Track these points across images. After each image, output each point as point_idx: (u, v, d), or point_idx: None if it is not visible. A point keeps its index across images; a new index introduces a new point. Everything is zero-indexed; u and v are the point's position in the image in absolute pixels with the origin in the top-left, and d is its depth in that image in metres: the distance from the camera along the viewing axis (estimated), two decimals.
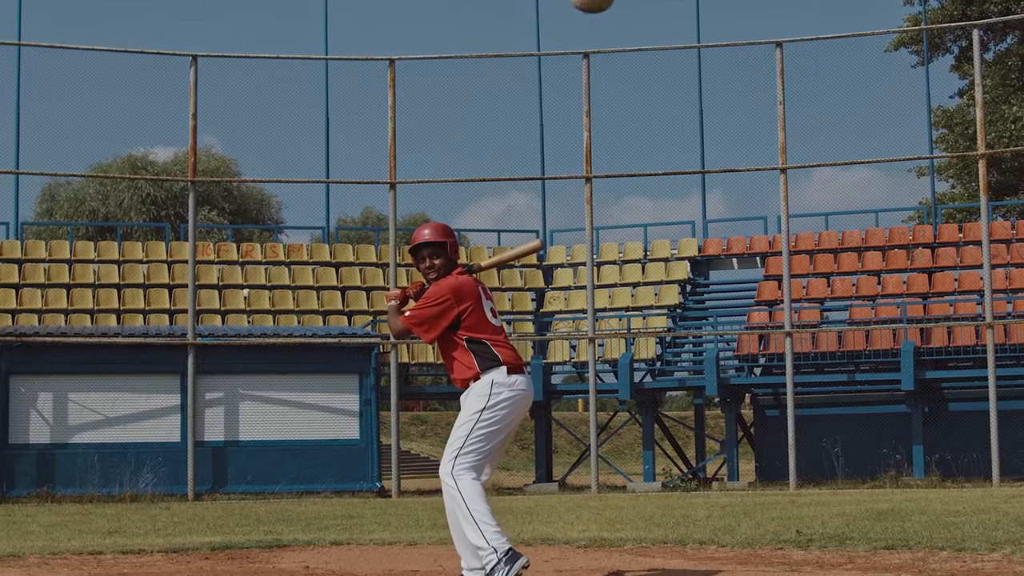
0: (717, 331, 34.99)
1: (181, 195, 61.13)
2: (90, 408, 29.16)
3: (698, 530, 14.25)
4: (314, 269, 37.01)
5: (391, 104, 30.78)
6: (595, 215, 31.01)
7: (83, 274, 35.73)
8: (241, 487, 28.81)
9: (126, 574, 10.75)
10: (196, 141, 30.54)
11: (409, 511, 20.63)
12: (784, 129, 30.12)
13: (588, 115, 30.78)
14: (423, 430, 61.90)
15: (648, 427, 33.63)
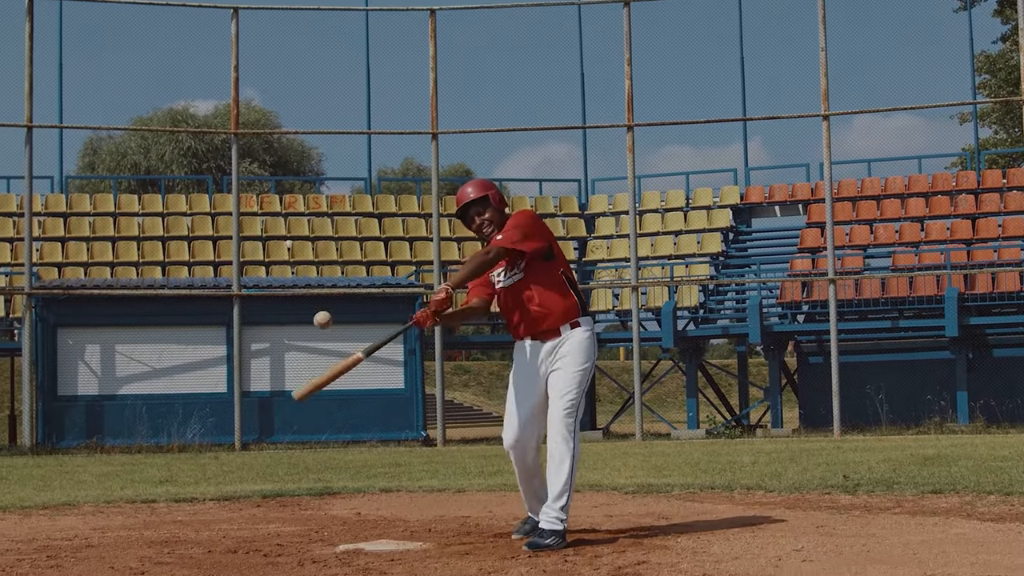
0: (760, 278, 34.96)
1: (221, 148, 61.30)
2: (137, 360, 29.38)
3: (745, 476, 14.32)
4: (357, 220, 37.09)
5: (432, 54, 30.76)
6: (636, 163, 31.00)
7: (128, 227, 35.91)
8: (287, 437, 29.02)
9: (180, 521, 10.87)
10: (238, 93, 30.62)
11: (456, 459, 20.75)
12: (826, 76, 29.98)
13: (629, 63, 30.71)
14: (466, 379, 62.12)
15: (691, 375, 33.67)
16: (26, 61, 29.19)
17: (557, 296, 9.04)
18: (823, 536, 8.73)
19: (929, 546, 8.11)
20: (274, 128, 62.54)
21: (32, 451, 27.55)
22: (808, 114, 31.25)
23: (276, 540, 9.30)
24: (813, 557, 7.75)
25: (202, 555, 8.57)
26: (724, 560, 7.73)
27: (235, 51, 30.10)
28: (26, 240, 29.65)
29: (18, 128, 29.57)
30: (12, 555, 8.75)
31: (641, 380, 31.40)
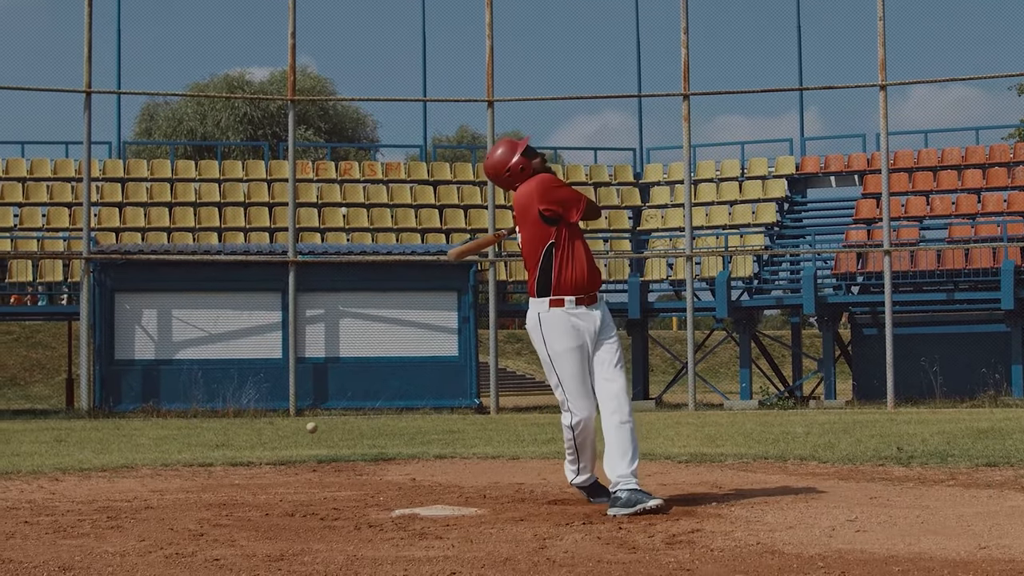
0: (815, 249, 34.87)
1: (277, 114, 61.50)
2: (193, 325, 29.61)
3: (798, 446, 14.33)
4: (412, 187, 37.17)
5: (488, 22, 30.77)
6: (691, 133, 30.97)
7: (184, 193, 36.11)
8: (342, 403, 29.19)
9: (237, 485, 10.99)
10: (295, 60, 30.73)
11: (509, 427, 20.84)
12: (884, 46, 29.84)
13: (686, 32, 30.65)
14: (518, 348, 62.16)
15: (745, 345, 33.64)
16: (85, 27, 29.40)
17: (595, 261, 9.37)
18: (877, 507, 8.75)
19: (983, 518, 8.12)
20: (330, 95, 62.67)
21: (90, 414, 27.85)
22: (865, 84, 31.13)
23: (332, 504, 9.39)
24: (867, 527, 7.78)
25: (260, 518, 8.67)
26: (778, 529, 7.77)
27: (292, 18, 30.21)
28: (84, 205, 29.90)
29: (77, 94, 29.81)
30: (73, 515, 8.88)
31: (694, 350, 31.43)
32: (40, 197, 35.28)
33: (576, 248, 9.12)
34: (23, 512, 9.10)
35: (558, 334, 9.09)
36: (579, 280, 9.10)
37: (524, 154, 9.49)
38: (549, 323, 9.11)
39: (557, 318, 9.09)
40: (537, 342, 9.22)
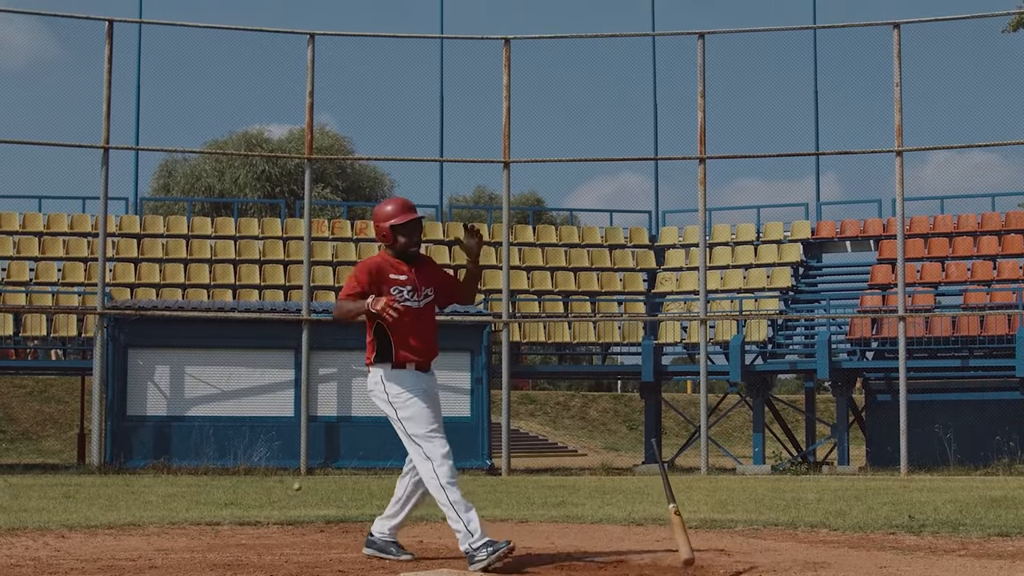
0: (829, 314, 34.82)
1: (295, 172, 61.65)
2: (206, 382, 29.59)
3: (809, 513, 14.25)
4: (427, 247, 37.19)
5: (506, 83, 30.89)
6: (707, 196, 31.01)
7: (200, 249, 36.19)
8: (353, 462, 29.11)
9: (244, 545, 10.94)
10: (313, 119, 30.85)
11: (520, 489, 20.76)
12: (901, 111, 29.88)
13: (703, 96, 30.71)
14: (531, 409, 62.09)
15: (758, 410, 33.55)
16: (104, 83, 29.54)
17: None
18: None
19: None
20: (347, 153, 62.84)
21: (100, 470, 27.81)
22: (881, 150, 31.15)
23: (338, 566, 9.34)
24: None
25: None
26: None
27: (311, 77, 30.34)
28: (100, 260, 29.96)
29: (95, 149, 29.90)
30: (76, 574, 8.83)
31: (708, 414, 31.34)
32: (56, 252, 35.37)
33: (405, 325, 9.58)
34: (26, 570, 9.06)
35: (402, 384, 9.62)
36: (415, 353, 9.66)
37: (395, 228, 9.77)
38: (391, 379, 9.63)
39: (398, 376, 9.63)
40: (380, 397, 9.70)
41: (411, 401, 9.57)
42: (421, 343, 9.66)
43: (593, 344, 36.15)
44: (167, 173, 65.38)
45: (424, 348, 9.69)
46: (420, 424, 9.61)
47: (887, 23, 30.59)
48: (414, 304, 9.66)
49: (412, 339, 9.62)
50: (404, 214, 9.77)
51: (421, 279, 9.79)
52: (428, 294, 9.79)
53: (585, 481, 25.14)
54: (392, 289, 9.60)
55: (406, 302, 9.61)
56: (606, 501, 16.99)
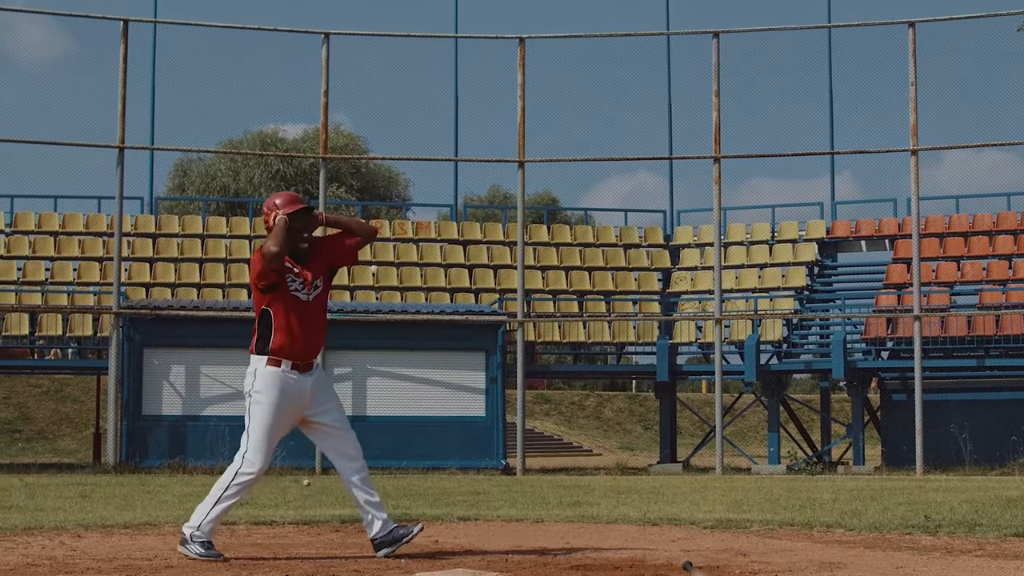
0: (844, 314, 34.77)
1: (310, 171, 61.70)
2: (221, 381, 29.61)
3: (825, 513, 14.22)
4: (442, 247, 37.22)
5: (520, 83, 30.89)
6: (722, 195, 31.01)
7: (215, 249, 36.23)
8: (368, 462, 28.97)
9: (259, 544, 10.94)
10: (327, 118, 30.88)
11: (535, 488, 20.75)
12: (916, 111, 29.84)
13: (717, 95, 30.70)
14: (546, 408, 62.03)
15: (773, 409, 33.51)
16: (120, 83, 29.60)
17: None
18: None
19: None
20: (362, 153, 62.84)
21: (116, 469, 27.85)
22: (896, 149, 31.09)
23: (353, 566, 9.34)
24: None
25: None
26: None
27: (325, 77, 30.37)
28: (115, 260, 30.01)
29: (110, 149, 29.94)
30: (93, 573, 8.84)
31: (723, 413, 31.30)
32: (72, 251, 35.43)
33: (291, 317, 9.70)
34: (43, 569, 9.08)
35: (267, 386, 9.71)
36: (295, 349, 9.71)
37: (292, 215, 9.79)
38: (262, 376, 9.72)
39: (271, 375, 9.71)
40: (246, 387, 9.83)
41: (268, 407, 9.71)
42: (302, 340, 9.72)
43: (608, 344, 36.14)
44: (182, 172, 65.44)
45: (304, 347, 9.75)
46: (262, 432, 9.78)
47: (902, 22, 30.54)
48: (303, 296, 9.74)
49: (294, 334, 9.68)
50: (291, 205, 9.79)
51: (312, 271, 9.84)
52: (318, 285, 9.83)
53: (600, 481, 25.13)
54: (286, 276, 9.68)
55: (295, 292, 9.69)
56: (621, 501, 16.98)
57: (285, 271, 9.68)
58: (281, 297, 9.67)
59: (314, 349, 9.81)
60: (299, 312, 9.69)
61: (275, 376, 9.68)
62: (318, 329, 9.84)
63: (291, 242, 9.71)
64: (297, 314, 9.68)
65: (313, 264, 9.87)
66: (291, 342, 9.67)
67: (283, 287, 9.68)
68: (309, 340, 9.76)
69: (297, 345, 9.69)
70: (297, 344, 9.69)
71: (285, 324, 9.63)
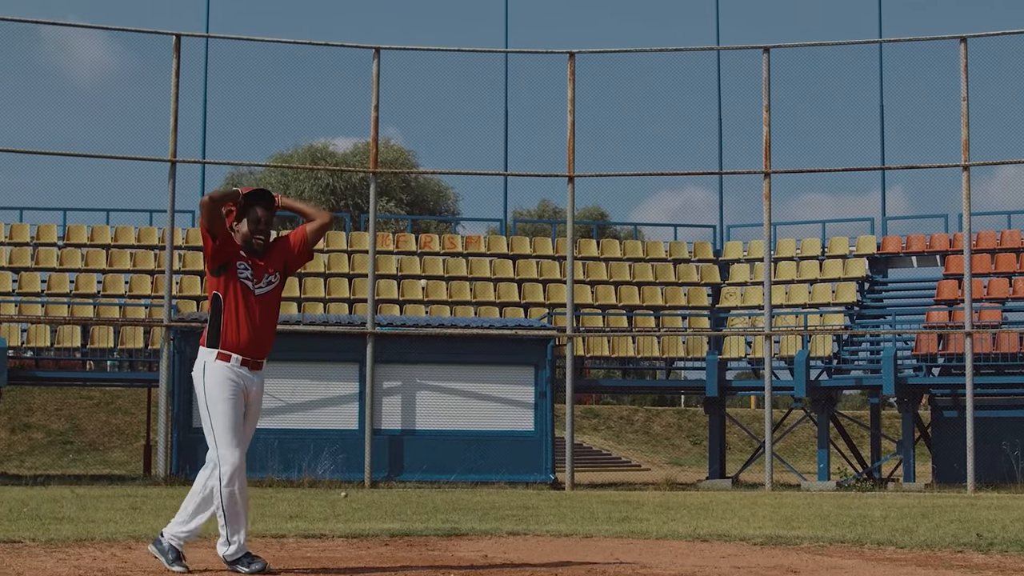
0: (895, 330, 34.59)
1: (359, 185, 61.89)
2: (270, 394, 29.53)
3: (875, 530, 14.16)
4: (491, 261, 37.26)
5: (570, 97, 30.90)
6: (772, 210, 30.91)
7: None
8: (416, 475, 29.15)
9: (309, 557, 10.98)
10: (378, 132, 30.96)
11: (584, 503, 20.73)
12: (968, 126, 29.69)
13: (768, 110, 30.63)
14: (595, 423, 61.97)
15: (823, 425, 33.36)
16: (172, 97, 29.76)
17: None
18: None
19: None
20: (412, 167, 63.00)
21: (166, 481, 27.96)
22: (948, 164, 30.92)
23: None
24: None
25: None
26: None
27: (376, 91, 30.45)
28: (166, 273, 30.16)
29: (162, 163, 30.11)
30: None
31: (772, 429, 31.19)
32: (123, 264, 35.64)
33: (240, 307, 9.60)
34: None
35: (219, 383, 9.60)
36: (243, 341, 9.61)
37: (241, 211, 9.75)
38: (212, 372, 9.60)
39: (221, 370, 9.60)
40: (198, 387, 9.70)
41: (225, 402, 9.61)
42: (251, 336, 9.63)
43: (657, 359, 36.06)
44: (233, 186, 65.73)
45: (254, 343, 9.66)
46: (226, 426, 9.70)
47: (954, 37, 30.39)
48: (252, 287, 9.63)
49: (242, 326, 9.59)
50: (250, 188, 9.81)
51: (265, 263, 9.75)
52: (271, 281, 9.74)
53: (649, 496, 25.09)
54: (238, 264, 9.60)
55: (245, 280, 9.59)
56: (670, 517, 16.94)
57: (237, 258, 9.58)
58: (231, 282, 9.55)
59: (264, 346, 9.72)
60: (248, 304, 9.59)
61: (225, 371, 9.58)
62: (268, 327, 9.71)
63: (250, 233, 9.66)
64: (247, 306, 9.58)
65: (268, 258, 9.77)
66: (239, 334, 9.58)
67: (233, 271, 9.56)
68: (259, 335, 9.67)
69: (245, 337, 9.59)
70: (245, 336, 9.59)
71: (235, 314, 9.55)
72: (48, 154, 31.87)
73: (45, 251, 35.76)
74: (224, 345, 9.58)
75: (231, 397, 9.62)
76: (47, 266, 35.33)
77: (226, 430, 9.70)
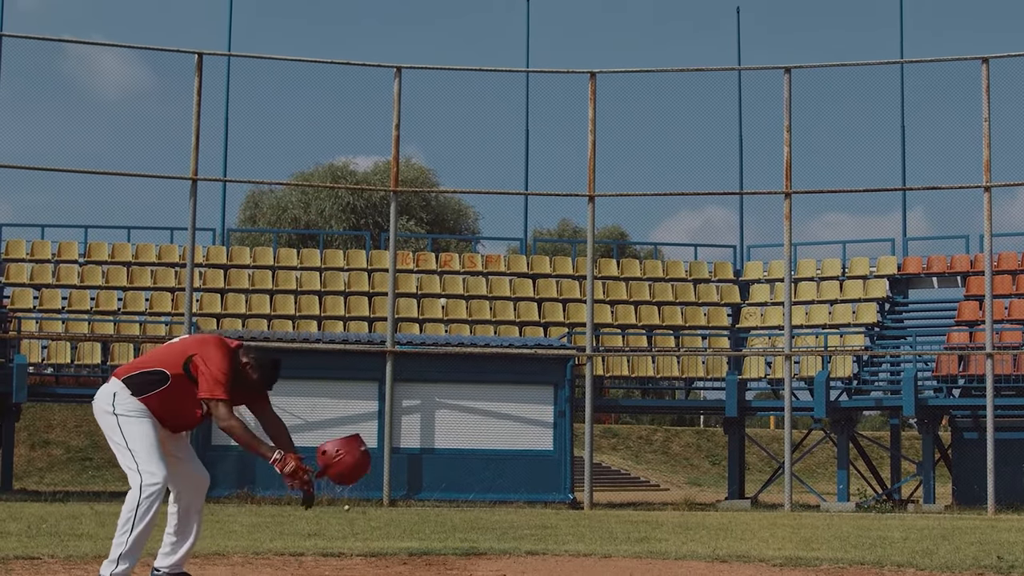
0: (916, 351, 34.50)
1: (380, 204, 61.93)
2: (290, 412, 29.67)
3: (895, 552, 14.11)
4: (511, 280, 37.27)
5: (591, 117, 30.92)
6: (793, 230, 30.86)
7: (286, 280, 36.43)
8: (435, 494, 29.13)
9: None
10: (398, 151, 30.98)
11: (603, 523, 20.69)
12: (989, 147, 29.64)
13: (789, 130, 30.62)
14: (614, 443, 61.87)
15: (843, 446, 33.27)
16: (194, 115, 29.84)
17: None
18: None
19: None
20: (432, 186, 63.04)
21: None
22: (969, 185, 30.87)
23: None
24: None
25: None
26: None
27: (397, 110, 30.51)
28: (187, 290, 30.22)
29: (183, 181, 30.19)
30: None
31: (791, 450, 31.12)
32: (144, 281, 35.73)
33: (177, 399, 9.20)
34: None
35: (129, 404, 9.13)
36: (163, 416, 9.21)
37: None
38: (124, 396, 9.14)
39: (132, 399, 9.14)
40: (104, 410, 9.19)
41: (141, 421, 9.09)
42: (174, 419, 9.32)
43: (676, 378, 36.01)
44: (254, 204, 65.84)
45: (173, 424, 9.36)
46: (146, 443, 9.08)
47: (976, 58, 30.36)
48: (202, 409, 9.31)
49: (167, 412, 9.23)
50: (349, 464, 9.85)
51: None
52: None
53: (668, 516, 25.04)
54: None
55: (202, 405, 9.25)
56: (690, 537, 16.91)
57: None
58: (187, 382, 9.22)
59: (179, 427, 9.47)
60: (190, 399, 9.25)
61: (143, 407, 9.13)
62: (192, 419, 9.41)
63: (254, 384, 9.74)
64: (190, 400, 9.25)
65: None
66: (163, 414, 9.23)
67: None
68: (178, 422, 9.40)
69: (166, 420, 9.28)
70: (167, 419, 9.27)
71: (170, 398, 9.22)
72: (70, 171, 32.00)
73: (66, 268, 35.87)
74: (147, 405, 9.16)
75: (149, 420, 9.13)
76: (68, 283, 35.41)
77: (147, 446, 9.07)
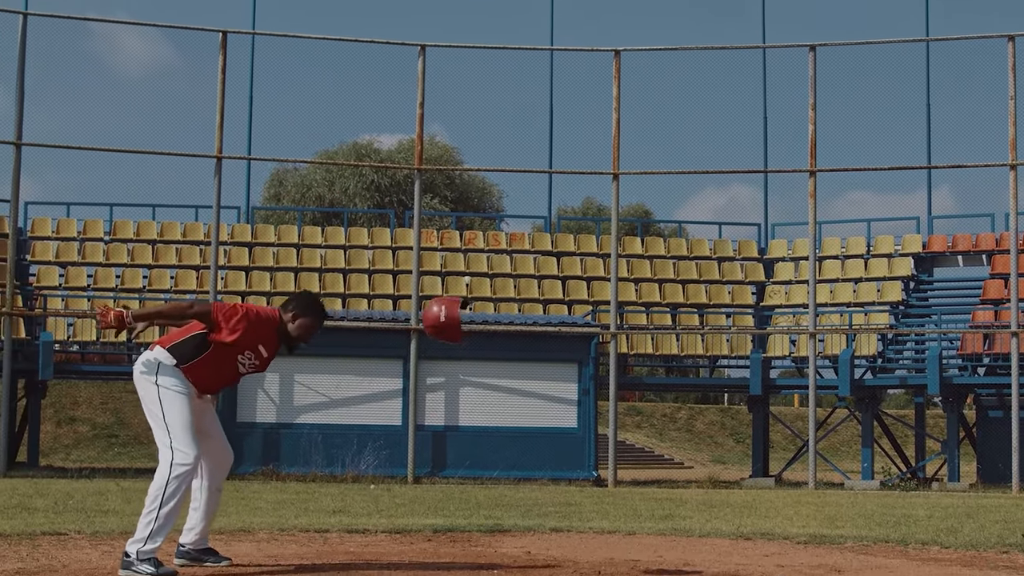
0: (940, 329, 34.42)
1: (404, 182, 61.94)
2: (315, 390, 29.79)
3: (920, 530, 14.10)
4: (535, 258, 37.26)
5: (615, 95, 30.87)
6: (818, 209, 30.80)
7: (310, 258, 36.47)
8: (459, 471, 29.18)
9: (352, 552, 10.99)
10: (423, 129, 30.97)
11: (627, 501, 20.71)
12: (1015, 124, 29.52)
13: (814, 108, 30.54)
14: (638, 420, 61.94)
15: (867, 424, 33.23)
16: (218, 94, 29.87)
17: None
18: None
19: None
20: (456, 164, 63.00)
21: None
22: (994, 163, 30.75)
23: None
24: None
25: None
26: None
27: (421, 88, 30.49)
28: (212, 268, 30.29)
29: (208, 159, 30.25)
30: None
31: (816, 428, 31.09)
32: (169, 259, 35.81)
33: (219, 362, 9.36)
34: None
35: (172, 378, 9.24)
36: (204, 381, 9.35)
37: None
38: (167, 368, 9.26)
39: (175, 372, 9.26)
40: (147, 378, 9.27)
41: (180, 396, 9.21)
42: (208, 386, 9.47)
43: (701, 356, 36.01)
44: (278, 182, 65.92)
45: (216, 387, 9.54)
46: (182, 421, 9.18)
47: (1002, 35, 30.24)
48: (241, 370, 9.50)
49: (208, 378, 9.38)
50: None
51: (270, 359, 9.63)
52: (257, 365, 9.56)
53: (692, 494, 25.05)
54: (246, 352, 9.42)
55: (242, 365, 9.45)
56: (713, 515, 16.91)
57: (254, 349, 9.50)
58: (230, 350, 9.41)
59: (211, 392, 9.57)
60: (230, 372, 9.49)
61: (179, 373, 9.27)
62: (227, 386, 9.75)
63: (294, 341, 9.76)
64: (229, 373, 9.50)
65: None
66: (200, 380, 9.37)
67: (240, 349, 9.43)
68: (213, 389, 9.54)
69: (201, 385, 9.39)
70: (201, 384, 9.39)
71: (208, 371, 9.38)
72: (95, 150, 32.14)
73: (92, 246, 35.97)
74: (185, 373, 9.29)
75: (186, 394, 9.25)
76: (93, 261, 35.52)
77: (182, 424, 9.18)
